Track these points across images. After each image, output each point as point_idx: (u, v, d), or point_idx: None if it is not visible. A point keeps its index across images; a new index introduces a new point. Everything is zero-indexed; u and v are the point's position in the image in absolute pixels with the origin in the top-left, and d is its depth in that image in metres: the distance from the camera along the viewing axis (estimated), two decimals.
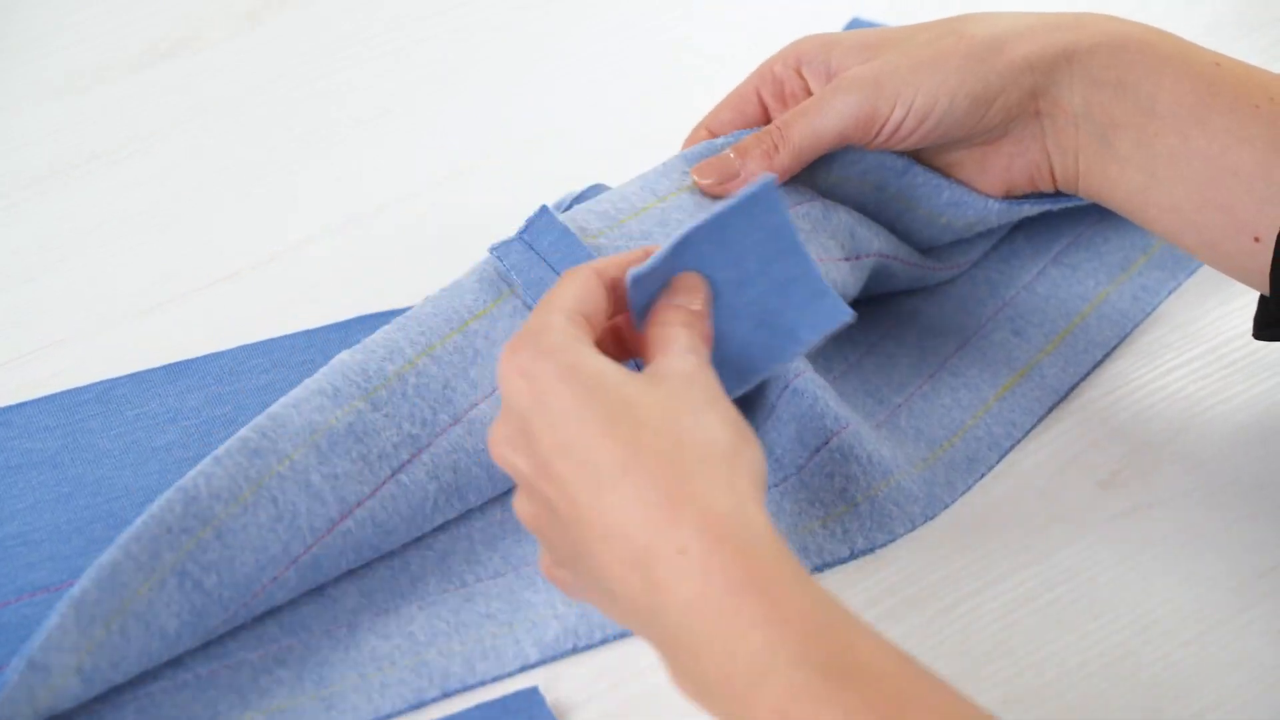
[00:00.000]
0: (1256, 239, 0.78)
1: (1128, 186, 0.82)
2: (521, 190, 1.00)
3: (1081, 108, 0.81)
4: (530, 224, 0.82)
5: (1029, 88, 0.82)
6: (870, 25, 1.11)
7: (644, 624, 0.65)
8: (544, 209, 0.82)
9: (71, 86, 1.13)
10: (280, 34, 1.18)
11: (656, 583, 0.63)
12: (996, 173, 0.86)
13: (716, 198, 0.84)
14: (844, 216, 0.86)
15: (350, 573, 0.80)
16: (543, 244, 0.81)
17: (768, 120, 0.88)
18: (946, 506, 0.84)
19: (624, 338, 0.75)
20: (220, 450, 0.76)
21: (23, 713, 0.70)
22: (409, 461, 0.78)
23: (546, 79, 1.13)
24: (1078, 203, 0.89)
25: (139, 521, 0.73)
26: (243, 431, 0.77)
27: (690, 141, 0.88)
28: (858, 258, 0.87)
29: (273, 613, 0.78)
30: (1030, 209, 0.89)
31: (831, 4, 1.16)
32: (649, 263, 0.72)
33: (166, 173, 1.06)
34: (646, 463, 0.64)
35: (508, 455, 0.69)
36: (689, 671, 0.63)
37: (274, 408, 0.78)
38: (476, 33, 1.17)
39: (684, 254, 0.74)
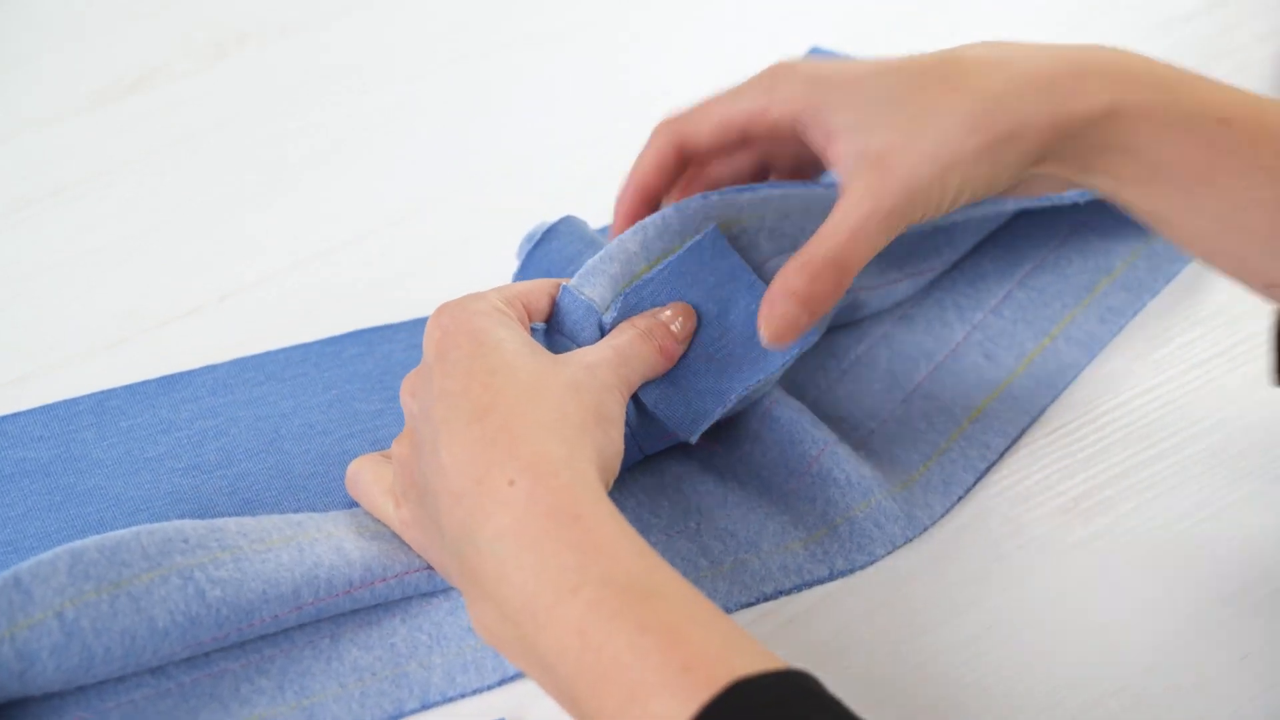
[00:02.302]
0: (1270, 285, 0.76)
1: (1140, 218, 0.79)
2: (484, 222, 1.02)
3: (1084, 165, 0.78)
4: (557, 306, 0.80)
5: (1036, 159, 0.77)
6: (830, 54, 1.10)
7: (455, 556, 0.69)
8: (565, 289, 0.80)
9: (36, 121, 1.11)
10: (245, 70, 1.16)
11: (475, 510, 0.67)
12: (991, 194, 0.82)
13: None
14: None
15: None
16: (567, 325, 0.80)
17: (740, 145, 0.83)
18: (925, 528, 0.82)
19: None
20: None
21: None
22: None
23: (505, 117, 1.11)
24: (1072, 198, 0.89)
25: (156, 525, 0.73)
26: (290, 515, 0.78)
27: (656, 141, 0.83)
28: None
29: None
30: (1011, 204, 0.89)
31: (786, 40, 1.14)
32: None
33: (131, 207, 1.04)
34: (502, 413, 0.69)
35: (406, 398, 0.75)
36: (492, 595, 0.66)
37: None
38: (436, 73, 1.16)
39: (642, 298, 0.80)
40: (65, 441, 0.86)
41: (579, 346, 0.79)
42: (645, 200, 0.84)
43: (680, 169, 0.84)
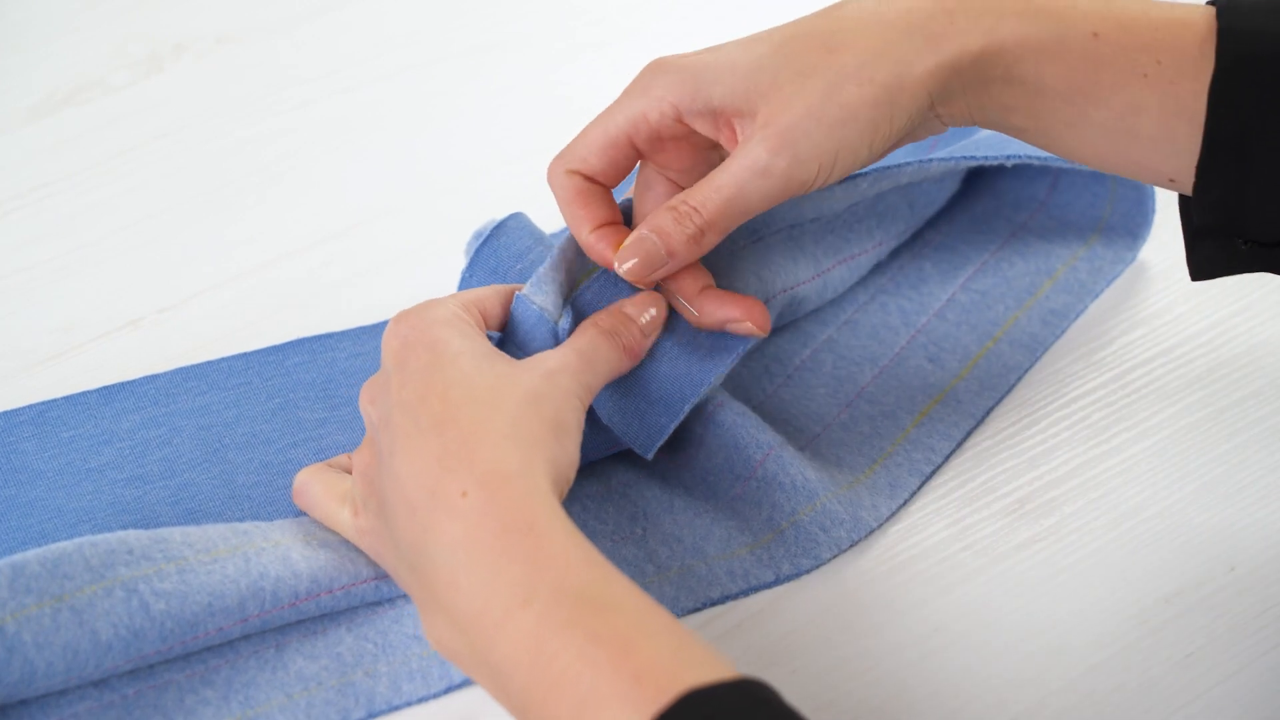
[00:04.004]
0: (1171, 180, 0.75)
1: (1033, 144, 0.79)
2: (429, 231, 1.01)
3: (975, 104, 0.77)
4: (511, 315, 0.79)
5: (927, 103, 0.76)
6: None
7: (409, 567, 0.69)
8: (519, 297, 0.79)
9: None
10: (182, 82, 1.15)
11: (429, 521, 0.67)
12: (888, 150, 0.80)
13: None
14: (747, 263, 0.84)
15: None
16: (520, 334, 0.79)
17: (635, 159, 0.80)
18: (871, 530, 0.82)
19: None
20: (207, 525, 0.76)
21: None
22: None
23: (451, 127, 1.11)
24: (971, 157, 0.88)
25: (100, 536, 0.72)
26: (236, 524, 0.77)
27: (556, 181, 0.80)
28: (766, 300, 0.85)
29: None
30: (937, 166, 0.88)
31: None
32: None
33: (68, 221, 1.02)
34: (460, 425, 0.69)
35: (366, 405, 0.75)
36: (445, 607, 0.66)
37: None
38: (379, 83, 1.15)
39: (586, 302, 0.80)
40: (6, 453, 0.84)
41: (530, 352, 0.78)
42: (616, 240, 0.80)
43: (602, 190, 0.81)
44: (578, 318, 0.79)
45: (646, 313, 0.78)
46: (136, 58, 1.16)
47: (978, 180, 0.98)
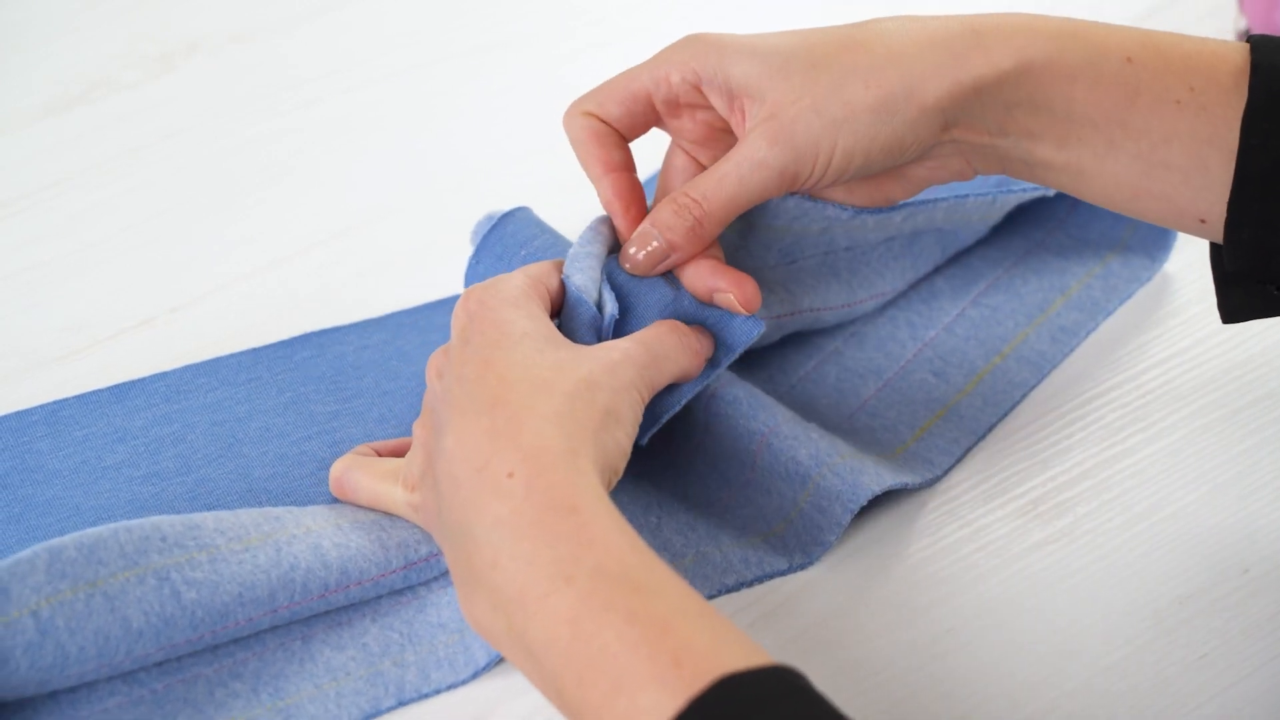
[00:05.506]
0: (1202, 220, 0.76)
1: (1057, 183, 0.79)
2: (435, 229, 1.03)
3: (996, 127, 0.77)
4: (564, 311, 0.80)
5: (941, 124, 0.77)
6: None
7: (450, 542, 0.69)
8: (564, 278, 0.79)
9: None
10: (194, 80, 1.16)
11: (474, 498, 0.67)
12: (918, 183, 0.82)
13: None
14: (778, 277, 0.85)
15: None
16: (563, 313, 0.80)
17: (654, 118, 0.82)
18: (873, 494, 0.81)
19: None
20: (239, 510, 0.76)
21: None
22: (428, 558, 0.78)
23: (456, 126, 1.12)
24: (1006, 190, 0.89)
25: (135, 521, 0.72)
26: (269, 508, 0.78)
27: (572, 122, 0.83)
28: (791, 314, 0.86)
29: None
30: (973, 202, 0.89)
31: None
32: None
33: (79, 219, 1.03)
34: (512, 405, 0.69)
35: (432, 378, 0.75)
36: (485, 584, 0.66)
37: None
38: (386, 82, 1.16)
39: (612, 271, 0.80)
40: (20, 453, 0.85)
41: (574, 333, 0.78)
42: (625, 186, 0.82)
43: (616, 134, 0.83)
44: (618, 293, 0.79)
45: (700, 336, 0.79)
46: (149, 56, 1.16)
47: None
